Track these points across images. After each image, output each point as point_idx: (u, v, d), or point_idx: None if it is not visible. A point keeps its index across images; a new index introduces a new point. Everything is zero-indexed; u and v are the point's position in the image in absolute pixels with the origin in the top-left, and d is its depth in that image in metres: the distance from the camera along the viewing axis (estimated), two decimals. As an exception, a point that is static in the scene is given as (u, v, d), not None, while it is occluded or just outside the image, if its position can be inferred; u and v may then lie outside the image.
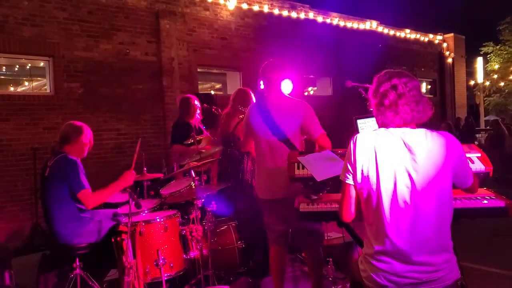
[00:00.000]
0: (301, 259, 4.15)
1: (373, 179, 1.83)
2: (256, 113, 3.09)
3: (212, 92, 7.97)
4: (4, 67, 6.67)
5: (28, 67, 6.77)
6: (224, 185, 3.81)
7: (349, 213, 1.93)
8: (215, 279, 3.53)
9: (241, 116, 4.08)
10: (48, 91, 6.44)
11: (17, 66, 6.79)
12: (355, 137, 1.91)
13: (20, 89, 7.17)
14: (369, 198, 1.84)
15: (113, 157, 6.73)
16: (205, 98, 6.28)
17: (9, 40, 5.95)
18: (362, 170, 1.85)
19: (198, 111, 4.97)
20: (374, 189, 1.82)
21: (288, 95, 3.11)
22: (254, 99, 4.18)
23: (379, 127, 1.94)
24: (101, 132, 6.62)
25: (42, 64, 6.51)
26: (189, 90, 7.33)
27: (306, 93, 9.87)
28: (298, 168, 2.73)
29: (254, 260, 4.08)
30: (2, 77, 6.78)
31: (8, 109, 5.93)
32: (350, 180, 1.90)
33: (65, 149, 3.32)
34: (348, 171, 1.90)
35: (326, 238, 3.59)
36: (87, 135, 3.45)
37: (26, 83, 7.15)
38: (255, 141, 3.13)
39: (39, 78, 6.98)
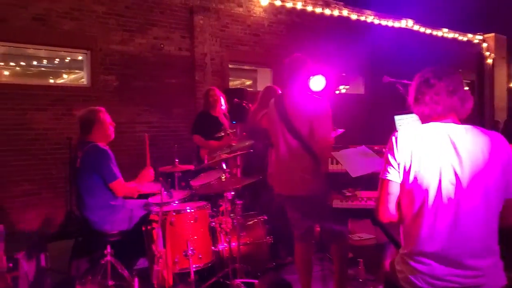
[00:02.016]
0: (330, 258, 4.07)
1: (415, 175, 1.77)
2: (274, 110, 3.11)
3: (243, 88, 7.93)
4: (45, 60, 6.85)
5: (67, 60, 6.92)
6: (253, 179, 3.79)
7: (386, 211, 1.86)
8: (243, 273, 3.49)
9: (266, 111, 4.09)
10: (85, 83, 6.57)
11: (57, 59, 6.95)
12: (397, 132, 1.87)
13: (58, 81, 7.35)
14: (409, 195, 1.78)
15: (144, 150, 6.77)
16: (236, 93, 6.27)
17: (50, 32, 6.10)
18: (404, 166, 1.80)
19: (223, 103, 5.07)
20: (416, 186, 1.76)
21: (313, 94, 3.09)
22: None
23: (421, 122, 1.88)
24: (134, 124, 6.69)
25: (80, 57, 6.65)
26: (220, 85, 7.33)
27: (337, 92, 9.72)
28: (332, 163, 2.68)
29: (280, 256, 4.05)
30: (43, 69, 6.95)
31: (46, 99, 6.08)
32: (390, 176, 1.85)
33: (91, 137, 3.32)
34: (388, 166, 1.85)
35: (357, 238, 3.51)
36: (105, 114, 3.45)
37: (65, 76, 7.32)
38: (274, 139, 3.14)
39: (77, 71, 7.13)
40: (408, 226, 1.81)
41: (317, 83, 3.58)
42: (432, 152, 1.76)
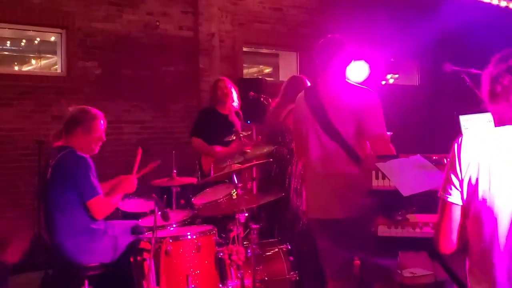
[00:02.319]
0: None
1: (485, 194, 1.75)
2: (305, 105, 3.15)
3: (260, 78, 7.97)
4: (8, 42, 6.97)
5: (36, 41, 7.04)
6: (273, 197, 3.82)
7: (449, 241, 1.87)
8: (259, 320, 3.50)
9: (293, 107, 4.13)
10: (59, 71, 6.68)
11: (24, 41, 7.08)
12: (460, 138, 1.86)
13: (25, 68, 7.48)
14: (476, 221, 1.78)
15: (135, 156, 6.83)
16: (252, 84, 6.35)
17: (15, 7, 6.19)
18: (470, 183, 1.79)
19: (234, 98, 5.14)
20: (485, 210, 1.75)
21: (354, 83, 3.12)
22: None
23: (496, 124, 1.85)
24: (121, 124, 6.79)
25: (53, 38, 6.76)
26: (231, 74, 7.36)
27: (384, 82, 9.64)
28: (377, 178, 2.67)
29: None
30: (6, 53, 7.08)
31: (11, 92, 6.18)
32: (453, 197, 1.84)
33: (71, 141, 3.38)
34: (450, 184, 1.85)
35: (409, 275, 3.48)
36: (102, 124, 3.52)
37: (33, 61, 7.45)
38: (303, 142, 3.17)
39: (48, 56, 7.25)
40: (477, 263, 1.79)
41: (358, 71, 3.57)
42: (508, 166, 1.74)
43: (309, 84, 4.28)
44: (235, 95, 5.20)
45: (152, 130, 7.06)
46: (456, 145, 1.84)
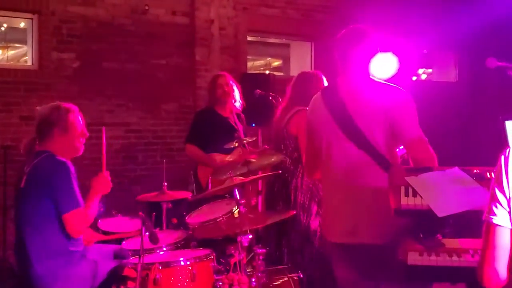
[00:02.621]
0: None
1: None
2: (323, 108, 3.15)
3: (267, 73, 7.96)
4: (-31, 28, 7.03)
5: (2, 28, 7.07)
6: (282, 215, 3.84)
7: (495, 272, 1.87)
8: None
9: (298, 109, 4.19)
10: (29, 63, 6.71)
11: (-12, 27, 7.13)
12: (508, 150, 1.89)
13: (-10, 60, 7.53)
14: None
15: (119, 164, 6.91)
16: (257, 80, 6.39)
17: (-24, -13, 6.25)
18: None
19: (237, 97, 5.20)
20: None
21: (381, 81, 3.12)
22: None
23: None
24: (103, 127, 6.75)
25: (22, 24, 6.79)
26: (233, 68, 7.38)
27: (415, 78, 9.64)
28: (407, 195, 2.67)
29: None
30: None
31: (-28, 88, 6.23)
32: (499, 219, 1.85)
33: (50, 146, 3.40)
34: (496, 203, 1.86)
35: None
36: (79, 118, 3.55)
37: (-1, 52, 7.49)
38: (320, 151, 3.17)
39: (17, 45, 7.29)
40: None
41: (384, 65, 3.56)
42: None
43: (325, 80, 4.28)
44: (237, 94, 5.24)
45: (140, 134, 7.09)
46: (503, 157, 1.86)
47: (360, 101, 3.01)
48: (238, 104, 5.24)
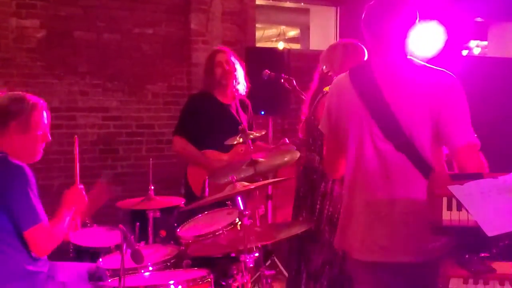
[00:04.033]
0: None
1: None
2: (351, 91, 3.12)
3: (281, 46, 7.90)
4: None
5: None
6: (299, 228, 3.83)
7: None
8: None
9: (325, 90, 4.17)
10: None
11: None
12: None
13: None
14: None
15: (95, 159, 6.99)
16: (267, 57, 6.40)
17: None
18: None
19: (240, 79, 5.21)
20: None
21: (423, 63, 3.08)
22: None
23: None
24: (74, 112, 6.89)
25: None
26: (238, 39, 7.41)
27: (466, 52, 9.58)
28: (450, 208, 2.68)
29: None
30: None
31: None
32: None
33: (3, 144, 3.41)
34: None
35: None
36: (45, 117, 3.57)
37: None
38: (345, 145, 3.16)
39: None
40: None
41: (429, 37, 3.54)
42: None
43: (366, 54, 4.23)
44: (241, 75, 5.25)
45: (121, 122, 7.13)
46: None
47: (402, 90, 2.97)
48: (242, 87, 5.24)
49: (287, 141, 5.11)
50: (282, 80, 5.20)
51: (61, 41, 6.88)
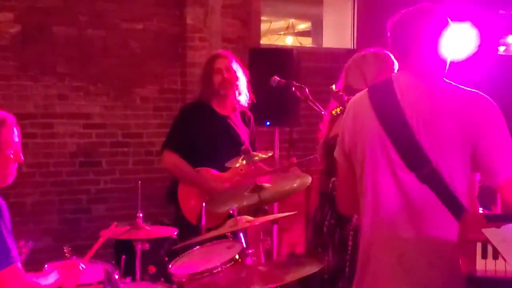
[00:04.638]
0: None
1: None
2: (370, 113, 3.09)
3: (290, 41, 7.86)
4: None
5: None
6: (314, 266, 3.75)
7: None
8: None
9: (335, 112, 4.19)
10: None
11: None
12: None
13: None
14: None
15: (75, 173, 6.95)
16: (273, 58, 6.36)
17: None
18: None
19: (242, 87, 5.20)
20: None
21: (456, 84, 3.04)
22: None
23: None
24: (52, 120, 6.83)
25: None
26: (241, 36, 7.40)
27: (503, 49, 9.54)
28: (485, 256, 2.66)
29: None
30: None
31: None
32: None
33: None
34: None
35: None
36: (15, 134, 3.53)
37: None
38: (360, 176, 3.14)
39: None
40: None
41: (461, 40, 3.48)
42: None
43: (396, 65, 4.11)
44: (243, 84, 5.24)
45: (104, 131, 7.09)
46: None
47: (428, 114, 2.95)
48: (244, 98, 5.24)
49: (295, 161, 5.15)
50: (293, 89, 5.19)
51: (38, 37, 6.83)
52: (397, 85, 3.06)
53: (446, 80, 3.05)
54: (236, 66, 5.20)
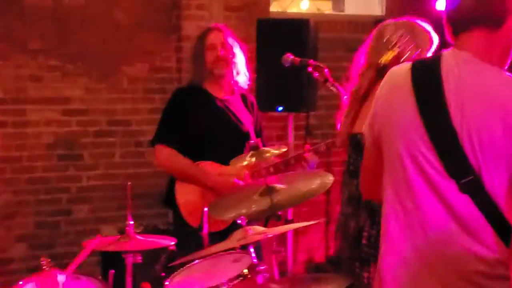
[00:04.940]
0: None
1: None
2: (405, 96, 3.01)
3: (305, 5, 7.81)
4: None
5: None
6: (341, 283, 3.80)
7: None
8: None
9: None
10: None
11: None
12: None
13: None
14: None
15: (52, 169, 6.97)
16: (286, 31, 6.36)
17: None
18: None
19: (239, 65, 5.23)
20: None
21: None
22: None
23: None
24: (24, 105, 6.85)
25: None
26: (246, 3, 7.38)
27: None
28: None
29: None
30: None
31: None
32: None
33: None
34: None
35: None
36: None
37: None
38: (390, 167, 3.09)
39: None
40: None
41: None
42: None
43: (435, 39, 4.17)
44: (241, 62, 5.25)
45: (87, 118, 7.09)
46: None
47: (478, 115, 2.87)
48: (242, 79, 5.26)
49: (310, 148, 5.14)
50: (310, 69, 5.13)
51: (6, 8, 6.82)
52: (446, 70, 2.98)
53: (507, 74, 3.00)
54: (232, 42, 5.22)
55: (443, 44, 3.35)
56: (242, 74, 5.23)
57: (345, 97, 4.58)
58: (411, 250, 3.01)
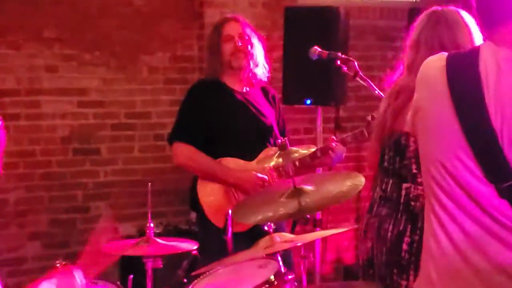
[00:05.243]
0: None
1: None
2: (441, 92, 2.99)
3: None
4: None
5: None
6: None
7: None
8: None
9: None
10: None
11: None
12: None
13: None
14: None
15: (67, 164, 6.99)
16: (315, 20, 6.33)
17: None
18: None
19: (257, 57, 5.21)
20: None
21: None
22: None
23: None
24: (38, 96, 6.87)
25: None
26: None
27: None
28: None
29: None
30: None
31: None
32: None
33: None
34: None
35: None
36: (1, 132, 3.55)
37: None
38: (425, 173, 3.10)
39: None
40: None
41: None
42: None
43: (474, 31, 4.07)
44: (260, 53, 5.25)
45: (104, 110, 7.10)
46: None
47: None
48: (261, 71, 5.23)
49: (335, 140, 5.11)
50: (339, 62, 5.14)
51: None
52: (485, 68, 2.93)
53: None
54: (249, 32, 5.21)
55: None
56: (260, 66, 5.22)
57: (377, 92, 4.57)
58: (448, 265, 2.99)
